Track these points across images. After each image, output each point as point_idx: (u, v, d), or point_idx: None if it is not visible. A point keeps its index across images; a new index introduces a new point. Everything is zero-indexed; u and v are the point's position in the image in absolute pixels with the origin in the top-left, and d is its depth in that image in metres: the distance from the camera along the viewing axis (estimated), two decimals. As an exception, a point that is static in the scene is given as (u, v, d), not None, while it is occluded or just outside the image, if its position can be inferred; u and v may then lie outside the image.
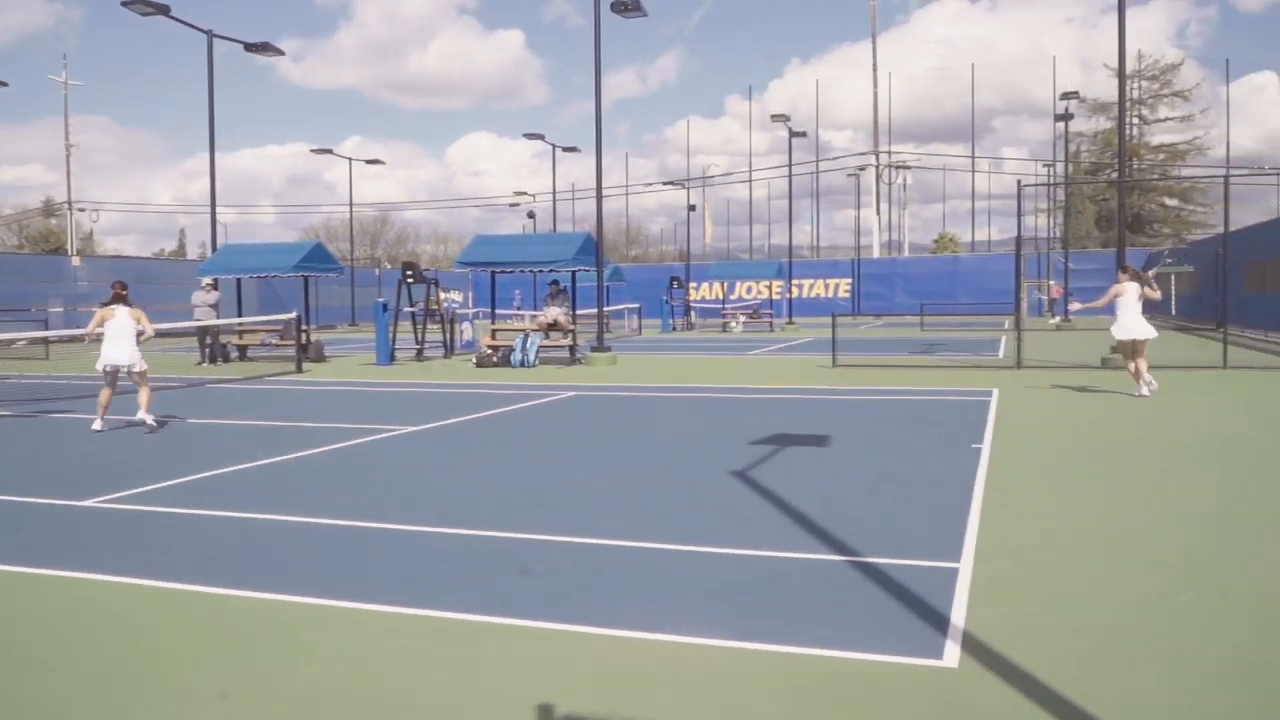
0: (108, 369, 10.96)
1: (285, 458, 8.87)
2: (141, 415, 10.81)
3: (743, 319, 39.77)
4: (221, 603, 4.78)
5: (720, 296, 47.62)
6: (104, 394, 11.01)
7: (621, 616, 4.46)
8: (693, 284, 50.41)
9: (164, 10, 23.38)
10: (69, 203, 54.71)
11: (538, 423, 11.48)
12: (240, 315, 24.42)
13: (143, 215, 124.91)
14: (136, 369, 10.96)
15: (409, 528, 6.18)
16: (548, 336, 21.27)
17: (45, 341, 26.61)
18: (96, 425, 10.83)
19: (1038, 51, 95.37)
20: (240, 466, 8.45)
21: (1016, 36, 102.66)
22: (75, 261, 39.06)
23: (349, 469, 8.41)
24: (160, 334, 11.83)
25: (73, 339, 31.51)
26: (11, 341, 27.99)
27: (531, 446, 9.54)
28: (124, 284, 11.18)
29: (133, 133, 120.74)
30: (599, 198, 22.08)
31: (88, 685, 3.81)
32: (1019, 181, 19.20)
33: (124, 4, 22.99)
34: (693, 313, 42.13)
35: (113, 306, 11.06)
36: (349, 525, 6.27)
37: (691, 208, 50.61)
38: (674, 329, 38.57)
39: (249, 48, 26.03)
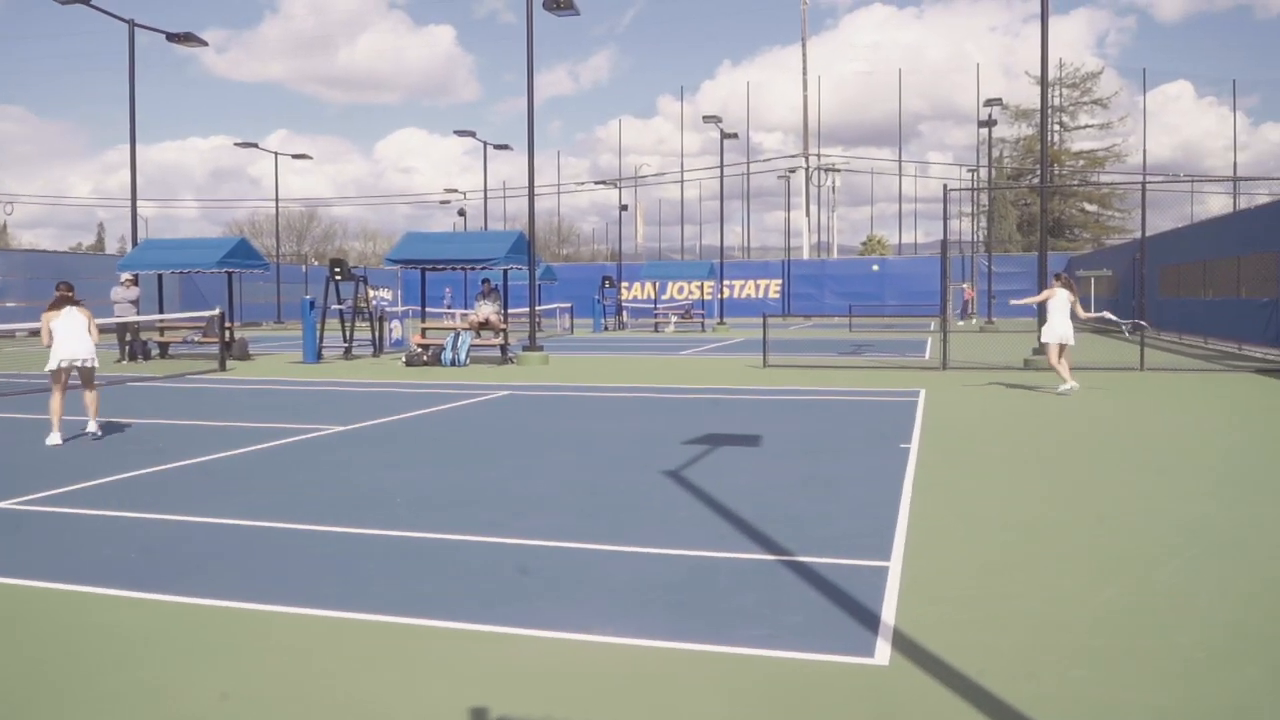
0: (63, 365, 9.72)
1: (208, 458, 8.63)
2: (92, 425, 9.83)
3: (674, 319, 39.90)
4: (137, 606, 4.60)
5: (652, 296, 47.71)
6: (56, 400, 9.67)
7: (549, 617, 4.39)
8: (625, 284, 50.47)
9: (82, -3, 22.66)
10: (-21, 194, 52.75)
11: (468, 422, 11.35)
12: (161, 312, 23.80)
13: (60, 208, 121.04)
14: (90, 364, 9.89)
15: (334, 529, 6.03)
16: (479, 335, 21.08)
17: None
18: (54, 439, 9.38)
19: (963, 58, 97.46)
20: (162, 467, 8.20)
21: (942, 43, 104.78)
22: None
23: (274, 469, 8.21)
24: None
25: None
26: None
27: (461, 447, 9.43)
28: (69, 284, 10.11)
29: (50, 123, 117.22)
30: (531, 196, 21.94)
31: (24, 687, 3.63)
32: (944, 186, 19.54)
33: (39, -11, 22.24)
34: (625, 312, 42.15)
35: (59, 310, 9.87)
36: (272, 526, 6.10)
37: (624, 207, 50.66)
38: (606, 329, 38.55)
39: (171, 38, 25.37)
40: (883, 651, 3.99)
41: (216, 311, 20.58)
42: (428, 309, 23.07)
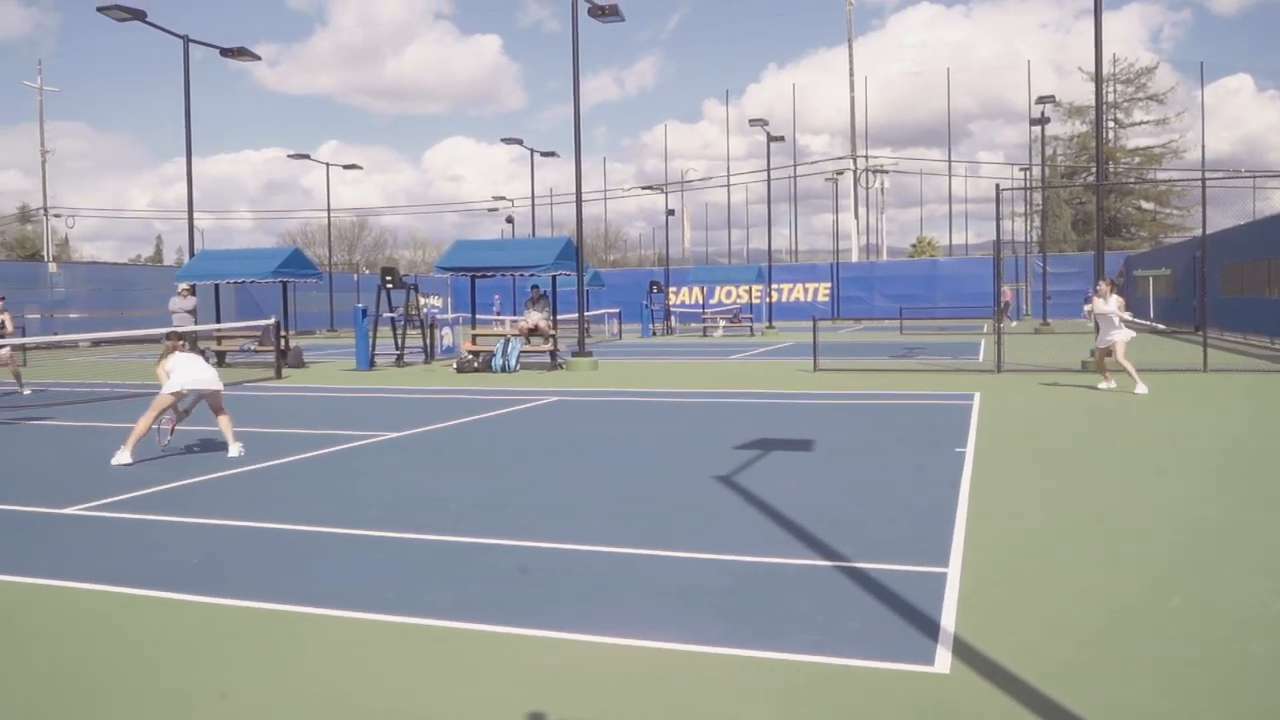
0: (186, 389, 9.09)
1: (265, 465, 8.74)
2: (235, 449, 9.27)
3: (723, 323, 39.78)
4: (195, 610, 4.66)
5: (700, 301, 47.61)
6: (147, 422, 8.95)
7: (601, 622, 4.37)
8: (672, 288, 50.41)
9: (140, 16, 23.17)
10: (45, 209, 54.21)
11: (519, 428, 11.40)
12: (218, 321, 24.21)
13: (119, 221, 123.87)
14: (218, 389, 9.37)
15: (387, 534, 6.07)
16: (528, 341, 21.17)
17: (23, 349, 26.31)
18: (124, 459, 8.79)
19: (1013, 55, 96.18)
20: (220, 474, 8.32)
21: (992, 41, 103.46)
22: (52, 268, 38.67)
23: (329, 475, 8.30)
24: (136, 340, 11.43)
25: (50, 345, 31.20)
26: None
27: (512, 452, 9.47)
28: (178, 335, 9.60)
29: (109, 138, 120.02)
30: (578, 202, 22.01)
31: (76, 690, 3.69)
32: (997, 185, 19.26)
33: (100, 10, 22.77)
34: (672, 317, 42.10)
35: (173, 353, 9.31)
36: (327, 532, 6.16)
37: (670, 212, 50.62)
38: (654, 334, 38.54)
39: (225, 53, 25.84)
40: (943, 659, 3.91)
41: (272, 320, 20.89)
42: (478, 316, 23.21)
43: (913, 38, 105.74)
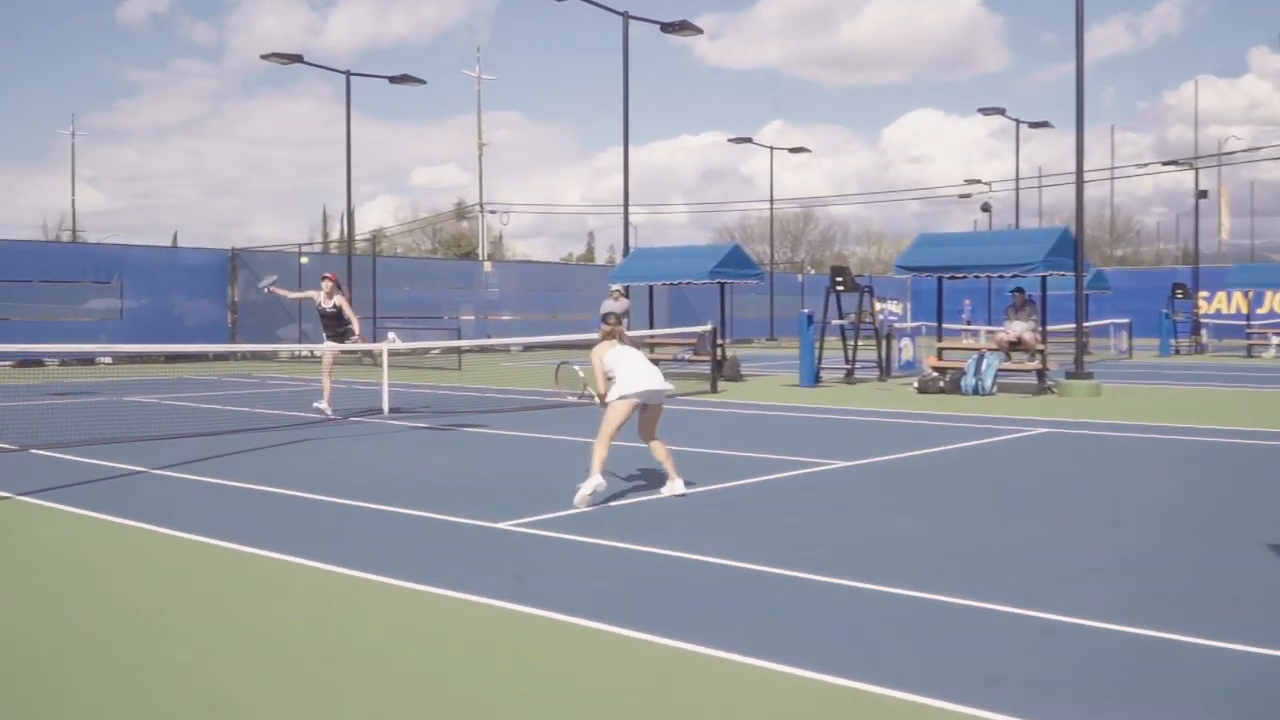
0: (639, 394, 8.76)
1: (699, 490, 9.27)
2: (678, 485, 8.96)
3: (1276, 341, 35.93)
4: (632, 647, 5.06)
5: (1242, 310, 43.35)
6: (604, 450, 8.66)
7: (1082, 714, 4.13)
8: (1203, 293, 46.39)
9: (581, -9, 25.57)
10: (480, 205, 60.73)
11: (993, 464, 11.16)
12: (651, 327, 25.93)
13: (551, 217, 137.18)
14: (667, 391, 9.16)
15: (835, 580, 6.18)
16: (1008, 358, 20.54)
17: (458, 351, 30.05)
18: (592, 489, 8.42)
19: None
20: (649, 497, 8.96)
21: None
22: (487, 267, 43.48)
23: (766, 506, 8.68)
24: (565, 345, 12.54)
25: (483, 349, 35.28)
26: (426, 350, 32.10)
27: (983, 493, 9.34)
28: (617, 317, 9.56)
29: (541, 128, 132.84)
30: (1079, 183, 20.99)
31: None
32: None
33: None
34: (1204, 330, 38.76)
35: (611, 342, 9.14)
36: (766, 571, 6.40)
37: (1202, 194, 46.64)
38: (1177, 351, 35.71)
39: (665, 28, 27.76)
40: None
41: (709, 327, 22.02)
42: (944, 325, 22.91)
43: None
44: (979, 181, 62.32)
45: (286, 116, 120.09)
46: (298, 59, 31.16)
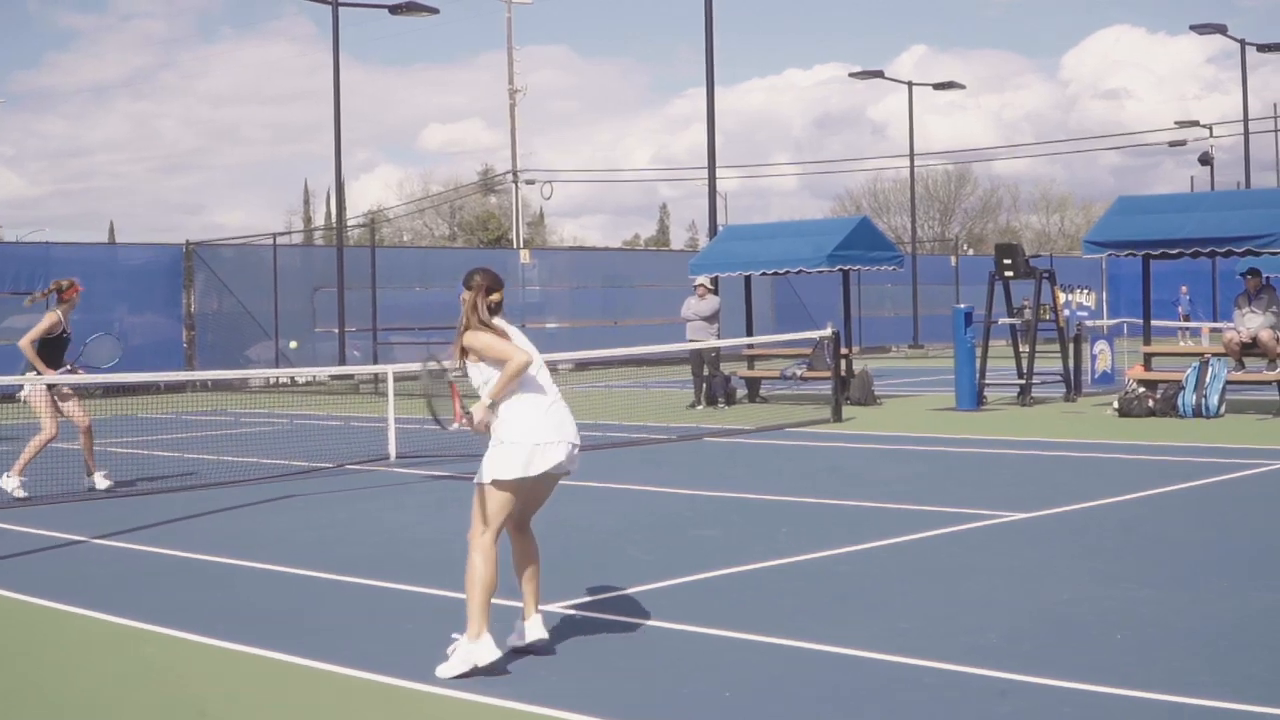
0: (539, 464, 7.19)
1: (825, 553, 9.32)
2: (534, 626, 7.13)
3: None
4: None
5: None
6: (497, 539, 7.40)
7: None
8: None
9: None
10: (514, 173, 60.40)
11: (1227, 512, 11.11)
12: (749, 332, 25.68)
13: (610, 187, 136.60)
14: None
15: (1021, 677, 6.17)
16: (1240, 365, 20.25)
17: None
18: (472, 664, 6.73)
19: None
20: (747, 566, 9.01)
21: None
22: (524, 258, 43.02)
23: (923, 573, 8.71)
24: (632, 361, 12.44)
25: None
26: (444, 373, 32.00)
27: (1213, 552, 9.31)
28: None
29: (596, 67, 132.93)
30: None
31: None
32: None
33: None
34: None
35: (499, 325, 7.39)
36: (923, 666, 6.43)
37: None
38: None
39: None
40: None
41: (828, 332, 21.76)
42: (1152, 322, 22.59)
43: None
44: (1195, 124, 61.45)
45: (257, 65, 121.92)
46: (268, -14, 31.66)
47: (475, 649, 6.51)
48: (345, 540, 10.61)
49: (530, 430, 6.78)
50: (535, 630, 6.97)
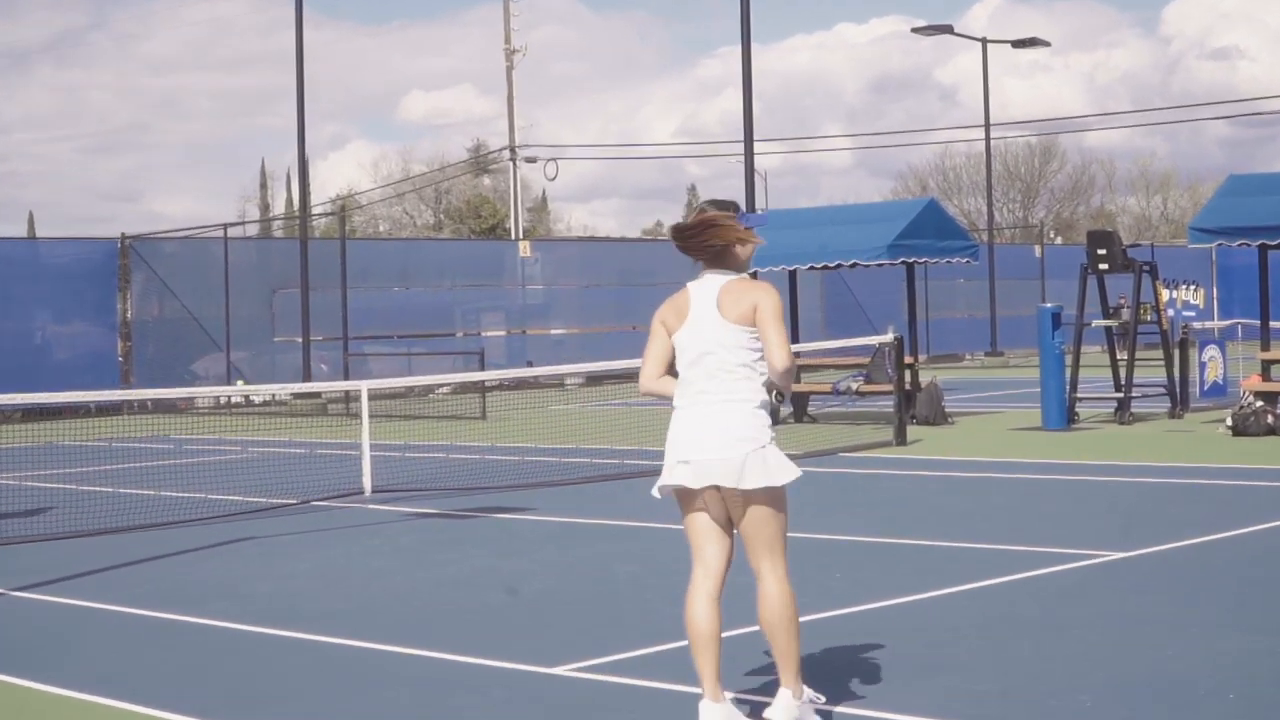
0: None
1: (863, 607, 9.35)
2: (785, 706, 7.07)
3: None
4: None
5: None
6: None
7: None
8: None
9: None
10: (512, 149, 60.20)
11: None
12: (795, 339, 25.81)
13: (627, 165, 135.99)
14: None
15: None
16: (1387, 374, 20.24)
17: (481, 389, 29.56)
18: None
19: None
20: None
21: None
22: (523, 250, 42.90)
23: (994, 626, 8.71)
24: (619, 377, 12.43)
25: (521, 384, 35.07)
26: (429, 389, 31.88)
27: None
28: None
29: (609, 23, 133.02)
30: None
31: None
32: None
33: None
34: None
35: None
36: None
37: None
38: None
39: None
40: None
41: (890, 337, 21.76)
42: (1271, 324, 22.52)
43: None
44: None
45: (205, 23, 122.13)
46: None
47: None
48: (310, 592, 10.65)
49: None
50: (785, 710, 6.55)
